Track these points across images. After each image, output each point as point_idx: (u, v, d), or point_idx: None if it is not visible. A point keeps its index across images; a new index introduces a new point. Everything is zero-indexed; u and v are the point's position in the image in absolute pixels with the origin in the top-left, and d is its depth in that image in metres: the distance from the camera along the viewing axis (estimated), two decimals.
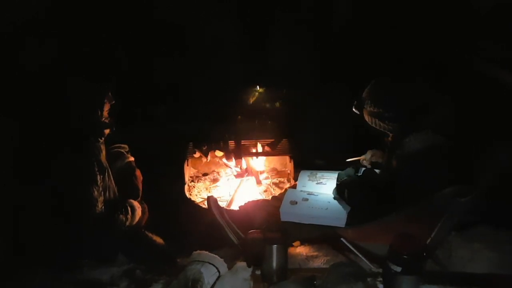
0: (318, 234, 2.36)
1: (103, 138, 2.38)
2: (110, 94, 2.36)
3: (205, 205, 2.94)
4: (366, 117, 2.29)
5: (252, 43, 3.67)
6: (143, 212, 2.50)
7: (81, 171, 2.24)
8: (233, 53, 3.63)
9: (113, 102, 2.39)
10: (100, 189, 2.27)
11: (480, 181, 1.94)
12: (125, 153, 2.64)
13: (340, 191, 2.29)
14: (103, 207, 2.28)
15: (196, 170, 3.51)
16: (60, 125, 2.27)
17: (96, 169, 2.27)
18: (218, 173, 3.46)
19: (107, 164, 2.41)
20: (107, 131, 2.38)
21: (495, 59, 2.99)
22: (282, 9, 3.62)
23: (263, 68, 3.74)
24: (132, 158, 2.66)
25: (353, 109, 2.34)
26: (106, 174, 2.36)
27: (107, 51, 3.23)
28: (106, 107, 2.37)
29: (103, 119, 2.35)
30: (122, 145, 2.66)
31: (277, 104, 3.68)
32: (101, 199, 2.27)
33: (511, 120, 2.60)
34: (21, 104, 2.50)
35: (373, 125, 2.27)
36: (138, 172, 2.65)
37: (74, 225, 2.18)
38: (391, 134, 2.30)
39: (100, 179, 2.27)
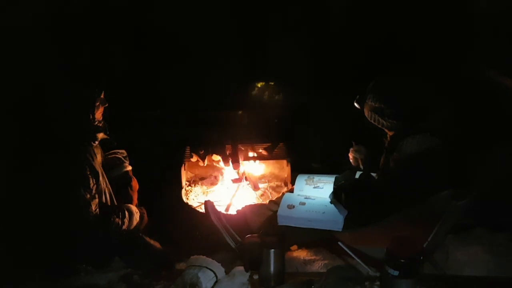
0: (316, 238, 2.36)
1: (96, 142, 2.37)
2: (103, 96, 2.35)
3: (202, 209, 2.94)
4: (366, 113, 2.30)
5: (250, 47, 3.68)
6: (141, 217, 2.50)
7: (73, 174, 2.22)
8: (231, 57, 3.64)
9: (107, 105, 2.37)
10: (94, 192, 2.25)
11: (477, 184, 1.95)
12: (123, 159, 2.63)
13: (337, 195, 2.30)
14: (97, 210, 2.27)
15: (193, 174, 3.51)
16: (51, 128, 2.26)
17: (88, 173, 2.25)
18: (215, 177, 3.46)
19: (102, 168, 2.39)
20: (100, 135, 2.36)
21: (494, 62, 3.02)
22: (280, 10, 3.63)
23: (260, 71, 3.75)
24: (129, 168, 2.66)
25: (354, 103, 2.35)
26: (101, 177, 2.34)
27: (103, 54, 3.23)
28: (99, 110, 2.35)
29: (96, 122, 2.33)
30: (120, 151, 2.65)
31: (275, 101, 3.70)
32: (95, 201, 2.25)
33: (509, 123, 2.62)
34: (12, 107, 2.49)
35: (372, 121, 2.28)
36: (134, 182, 2.64)
37: (68, 228, 2.17)
38: (389, 135, 2.30)
39: (93, 182, 2.26)
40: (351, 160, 2.63)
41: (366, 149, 2.56)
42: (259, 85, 3.86)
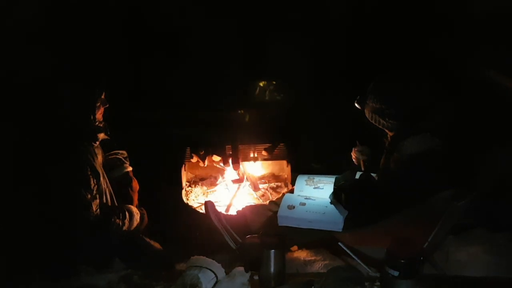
0: (316, 239, 2.36)
1: (97, 142, 2.37)
2: (103, 97, 2.34)
3: (202, 210, 2.94)
4: (367, 113, 2.30)
5: (250, 47, 3.67)
6: (141, 218, 2.50)
7: (73, 175, 2.22)
8: (231, 57, 3.63)
9: (107, 105, 2.37)
10: (94, 192, 2.25)
11: (477, 184, 1.95)
12: (123, 160, 2.63)
13: (337, 196, 2.30)
14: (98, 210, 2.27)
15: (194, 175, 3.51)
16: (52, 129, 2.26)
17: (89, 173, 2.25)
18: (215, 177, 3.46)
19: (103, 169, 2.39)
20: (101, 135, 2.36)
21: (494, 64, 3.01)
22: (279, 11, 3.62)
23: (261, 72, 3.75)
24: (130, 168, 2.65)
25: (355, 104, 2.35)
26: (102, 178, 2.34)
27: (103, 54, 3.23)
28: (100, 111, 2.35)
29: (97, 123, 2.33)
30: (120, 152, 2.65)
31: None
32: (95, 202, 2.25)
33: (509, 124, 2.62)
34: (12, 108, 2.49)
35: (373, 122, 2.28)
36: (134, 183, 2.64)
37: (68, 229, 2.17)
38: (389, 135, 2.30)
39: (93, 182, 2.26)
40: (354, 160, 2.63)
41: (369, 150, 2.56)
42: (259, 85, 3.86)
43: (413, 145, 2.13)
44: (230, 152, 3.31)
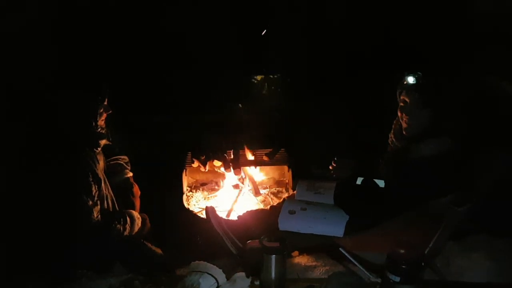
0: (317, 244, 2.36)
1: (99, 148, 2.37)
2: (106, 103, 2.35)
3: (203, 215, 2.94)
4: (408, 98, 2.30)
5: (250, 51, 3.69)
6: (143, 223, 2.50)
7: (75, 181, 2.23)
8: (231, 62, 3.65)
9: (110, 111, 2.37)
10: (96, 198, 2.26)
11: (478, 188, 1.95)
12: (124, 165, 2.63)
13: (338, 200, 2.30)
14: (99, 216, 2.27)
15: (194, 180, 3.51)
16: (53, 135, 2.26)
17: (91, 179, 2.26)
18: (216, 182, 3.46)
19: (104, 175, 2.40)
20: (103, 141, 2.36)
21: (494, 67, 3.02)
22: (279, 14, 3.64)
23: (261, 75, 3.77)
24: (130, 174, 2.66)
25: (411, 78, 2.35)
26: (103, 184, 2.35)
27: (103, 59, 3.24)
28: (102, 117, 2.35)
29: (99, 129, 2.33)
30: (122, 157, 2.65)
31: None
32: (96, 208, 2.26)
33: (509, 125, 2.63)
34: (13, 113, 2.50)
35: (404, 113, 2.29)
36: (135, 188, 2.64)
37: (69, 234, 2.17)
38: (403, 128, 2.30)
39: (95, 188, 2.26)
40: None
41: (351, 165, 2.54)
42: (260, 89, 3.87)
43: (427, 148, 2.14)
44: (231, 157, 3.31)
